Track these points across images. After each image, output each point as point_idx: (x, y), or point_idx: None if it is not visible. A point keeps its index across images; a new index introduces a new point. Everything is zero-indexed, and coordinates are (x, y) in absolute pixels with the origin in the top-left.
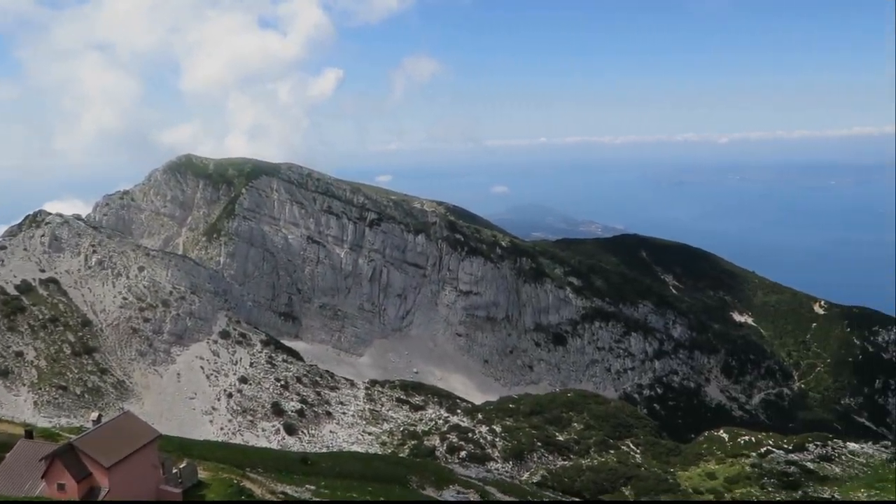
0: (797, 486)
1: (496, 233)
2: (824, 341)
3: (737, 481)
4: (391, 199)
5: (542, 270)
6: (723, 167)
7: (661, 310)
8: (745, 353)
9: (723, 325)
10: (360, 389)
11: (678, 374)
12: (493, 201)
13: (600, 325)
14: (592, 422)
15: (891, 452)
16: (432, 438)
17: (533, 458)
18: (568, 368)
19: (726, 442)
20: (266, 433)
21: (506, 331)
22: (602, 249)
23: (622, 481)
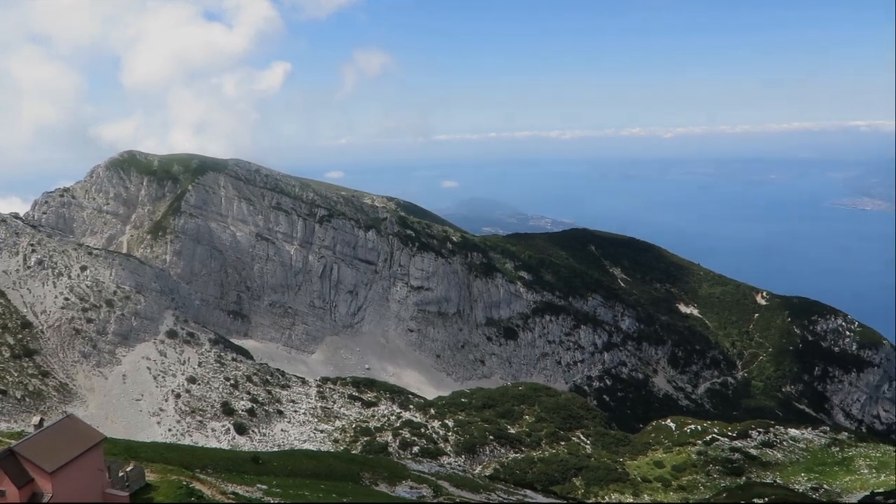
0: (741, 472)
1: (447, 228)
2: (766, 331)
3: (683, 469)
4: (341, 195)
5: (493, 265)
6: (668, 161)
7: (609, 302)
8: (691, 344)
9: (669, 316)
10: (312, 387)
11: (627, 365)
12: (443, 196)
13: (550, 319)
14: (543, 414)
15: (829, 437)
16: (385, 434)
17: (485, 451)
18: (519, 362)
19: (673, 431)
20: (216, 433)
21: (457, 326)
22: (552, 243)
23: (573, 472)
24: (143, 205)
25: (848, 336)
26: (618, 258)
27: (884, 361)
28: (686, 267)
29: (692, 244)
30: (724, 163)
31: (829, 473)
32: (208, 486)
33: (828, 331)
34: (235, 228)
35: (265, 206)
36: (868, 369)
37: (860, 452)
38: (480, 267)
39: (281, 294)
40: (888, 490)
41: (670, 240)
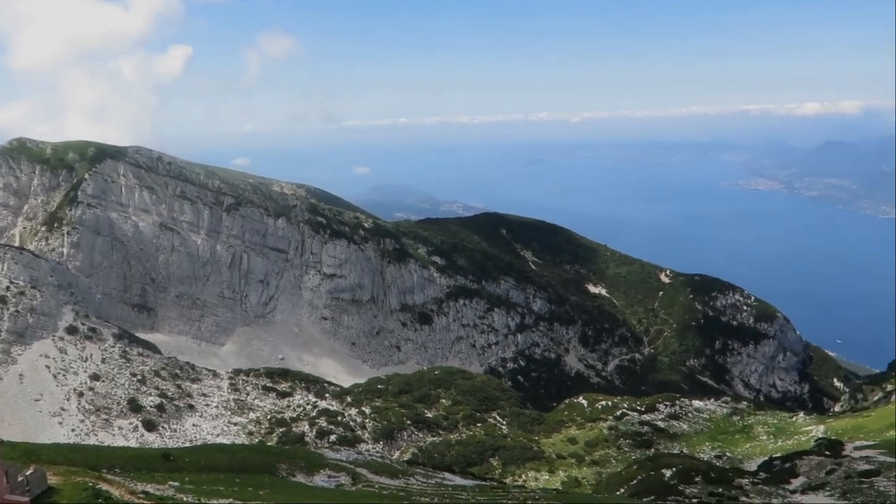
0: (650, 444)
1: (359, 214)
2: (670, 308)
3: (596, 444)
4: (249, 183)
5: (406, 251)
6: (575, 145)
7: (521, 285)
8: (601, 323)
9: (579, 296)
10: (224, 380)
11: (539, 346)
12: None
13: (464, 303)
14: (460, 397)
15: (730, 407)
16: (301, 424)
17: (403, 436)
18: (434, 346)
19: (585, 408)
20: (123, 431)
21: (372, 312)
22: (464, 228)
23: (490, 453)
24: (36, 195)
25: (745, 310)
26: (528, 241)
27: (778, 333)
28: (594, 248)
29: (599, 226)
30: (629, 147)
31: (731, 441)
32: (116, 486)
33: (727, 306)
34: (138, 218)
35: (169, 195)
36: (764, 341)
37: (759, 420)
38: (393, 253)
39: (188, 285)
40: (785, 454)
41: (579, 222)
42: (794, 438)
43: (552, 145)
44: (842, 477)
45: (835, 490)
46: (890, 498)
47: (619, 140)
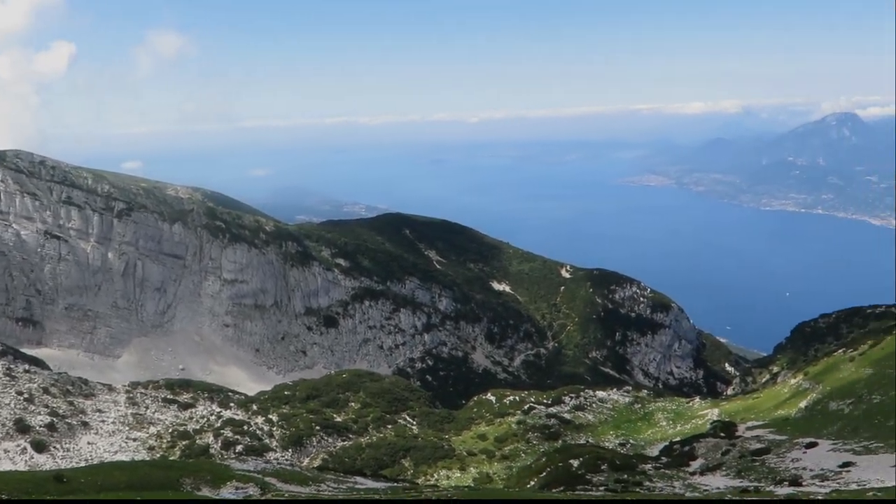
0: (557, 436)
1: (259, 217)
2: (572, 302)
3: (505, 439)
4: (141, 187)
5: (310, 253)
6: (475, 145)
7: (426, 284)
8: (506, 320)
9: (484, 294)
10: (121, 394)
11: (447, 344)
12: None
13: (370, 304)
14: (369, 400)
15: (632, 396)
16: (205, 436)
17: (312, 442)
18: (341, 349)
19: (494, 404)
20: (10, 454)
21: (276, 317)
22: (367, 229)
23: (401, 453)
24: None
25: (642, 301)
26: (432, 241)
27: (673, 322)
28: (497, 246)
29: (501, 224)
30: (526, 146)
31: (633, 429)
32: None
33: (625, 298)
34: (19, 226)
35: (54, 201)
36: (661, 331)
37: (658, 407)
38: (296, 256)
39: (78, 296)
40: (684, 438)
41: (481, 220)
42: (692, 423)
43: (452, 145)
44: (736, 457)
45: (730, 469)
46: (780, 473)
47: (516, 139)
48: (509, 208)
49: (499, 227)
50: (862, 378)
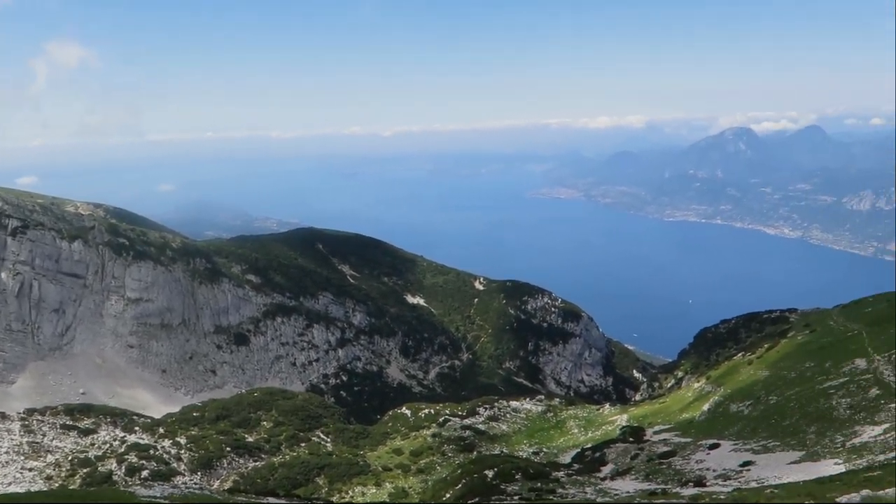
0: (473, 447)
1: (166, 234)
2: (485, 314)
3: (421, 453)
4: (38, 203)
5: (219, 270)
6: (389, 158)
7: (340, 299)
8: (420, 333)
9: (398, 308)
10: (14, 421)
11: (361, 359)
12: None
13: (283, 321)
14: (281, 418)
15: (545, 405)
16: (108, 462)
17: (223, 464)
18: (253, 368)
19: (409, 417)
20: None
21: (183, 336)
22: (279, 244)
23: (315, 472)
24: None
25: (553, 312)
26: (346, 255)
27: (583, 331)
28: (411, 259)
29: (415, 237)
30: (440, 159)
31: (547, 437)
32: None
33: (537, 309)
34: None
35: None
36: (571, 340)
37: (570, 415)
38: (205, 273)
39: None
40: (595, 444)
41: (395, 234)
42: (602, 429)
43: (366, 159)
44: (644, 460)
45: (639, 473)
46: (686, 475)
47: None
48: (423, 221)
49: (413, 240)
50: (760, 380)
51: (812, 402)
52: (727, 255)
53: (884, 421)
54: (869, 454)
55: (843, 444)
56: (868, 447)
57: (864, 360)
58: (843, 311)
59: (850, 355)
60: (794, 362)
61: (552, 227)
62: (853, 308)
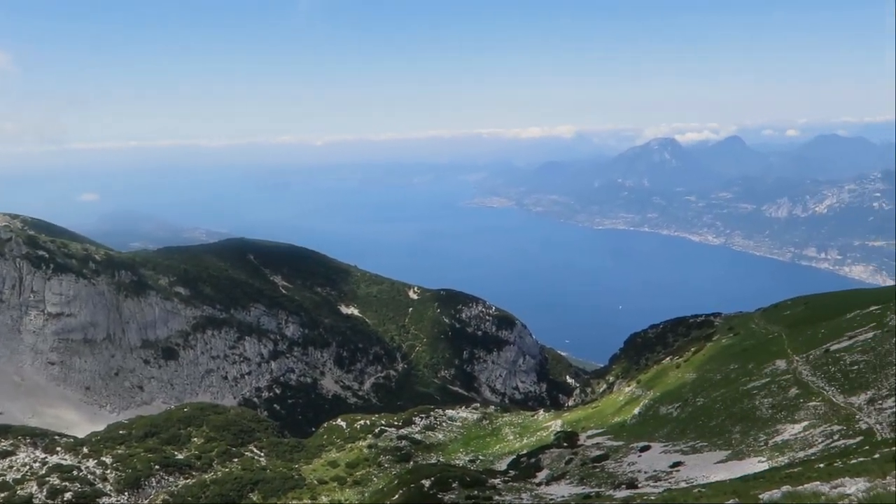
0: (409, 457)
1: (88, 246)
2: (420, 323)
3: (357, 464)
4: None
5: (146, 282)
6: (321, 168)
7: (273, 311)
8: (355, 343)
9: (332, 318)
10: None
11: (295, 371)
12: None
13: (213, 334)
14: (213, 433)
15: (480, 413)
16: (28, 486)
17: (151, 483)
18: (182, 382)
19: (344, 429)
20: None
21: (108, 352)
22: (209, 255)
23: (249, 487)
24: None
25: (488, 320)
26: (278, 266)
27: (517, 339)
28: (345, 270)
29: (349, 247)
30: (373, 168)
31: (482, 445)
32: None
33: (471, 317)
34: None
35: None
36: (506, 347)
37: (506, 422)
38: (131, 286)
39: None
40: (530, 451)
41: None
42: (537, 435)
43: (298, 168)
44: (578, 464)
45: (573, 477)
46: (618, 477)
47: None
48: (357, 231)
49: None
50: (687, 382)
51: (736, 402)
52: (655, 261)
53: (803, 419)
54: (790, 451)
55: (766, 442)
56: (789, 445)
57: (784, 360)
58: (764, 315)
59: (771, 357)
60: (719, 364)
61: (485, 235)
62: (773, 311)
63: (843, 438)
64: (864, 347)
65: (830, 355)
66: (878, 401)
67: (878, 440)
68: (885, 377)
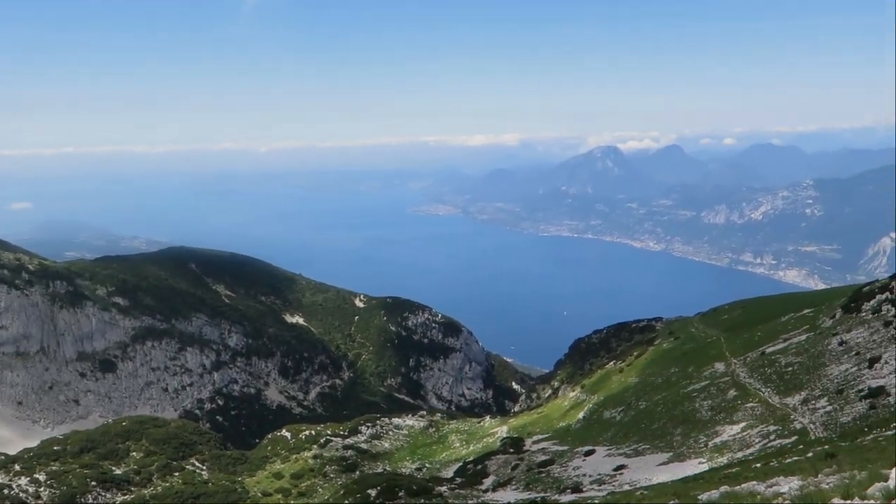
0: (355, 467)
1: (21, 255)
2: (366, 331)
3: (302, 475)
4: None
5: (82, 293)
6: (266, 175)
7: (215, 321)
8: (300, 353)
9: (277, 328)
10: None
11: (238, 382)
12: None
13: (153, 345)
14: (153, 447)
15: (427, 420)
16: None
17: (88, 500)
18: (121, 395)
19: (289, 440)
20: None
21: (42, 365)
22: (149, 264)
23: (190, 502)
24: None
25: (434, 327)
26: (221, 275)
27: (464, 346)
28: (290, 278)
29: (294, 255)
30: (319, 176)
31: (429, 452)
32: None
33: (418, 325)
34: None
35: None
36: (452, 354)
37: (452, 429)
38: (66, 296)
39: None
40: (476, 457)
41: (273, 252)
42: (484, 441)
43: (241, 175)
44: (524, 470)
45: (519, 483)
46: (564, 482)
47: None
48: (303, 239)
49: (291, 258)
50: (630, 386)
51: (677, 405)
52: (598, 268)
53: (741, 420)
54: (729, 452)
55: (706, 443)
56: (728, 445)
57: (723, 363)
58: (703, 319)
59: (711, 360)
60: (660, 368)
61: (432, 243)
62: (712, 315)
63: (778, 438)
64: (798, 349)
65: (766, 357)
66: (811, 401)
67: (811, 439)
68: (817, 378)
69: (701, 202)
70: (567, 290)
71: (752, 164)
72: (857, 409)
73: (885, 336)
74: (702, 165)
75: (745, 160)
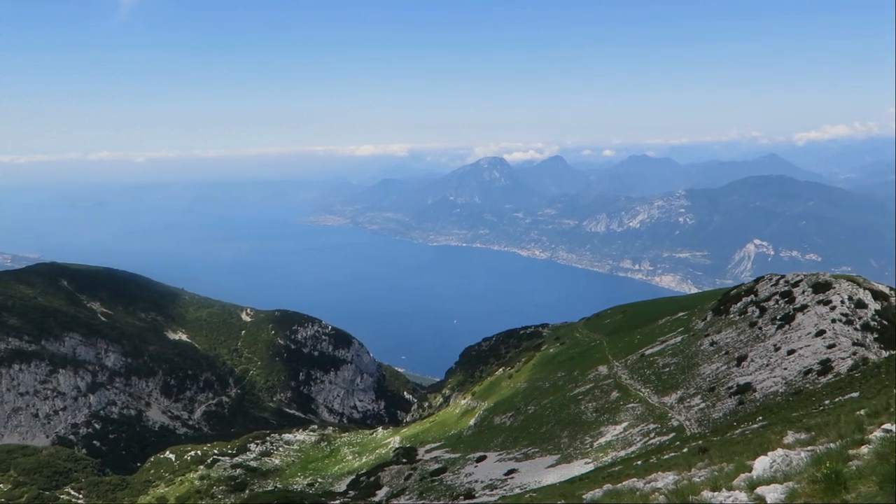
0: (244, 486)
1: None
2: (254, 346)
3: (188, 498)
4: None
5: None
6: (144, 186)
7: (91, 340)
8: (184, 370)
9: (158, 345)
10: None
11: (117, 404)
12: None
13: (21, 368)
14: (22, 478)
15: (318, 434)
16: None
17: None
18: None
19: (174, 462)
20: None
21: None
22: (15, 281)
23: None
24: None
25: (324, 339)
26: (96, 291)
27: (355, 357)
28: (173, 293)
29: (176, 269)
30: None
31: (321, 467)
32: None
33: (307, 338)
34: None
35: None
36: (343, 366)
37: (344, 441)
38: None
39: None
40: (369, 469)
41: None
42: (377, 452)
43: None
44: (418, 479)
45: (413, 493)
46: (457, 489)
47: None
48: (185, 252)
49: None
50: (519, 392)
51: (564, 408)
52: (487, 276)
53: (623, 420)
54: (612, 451)
55: (592, 444)
56: (612, 445)
57: (606, 366)
58: (587, 324)
59: (595, 363)
60: (547, 373)
61: (321, 254)
62: (595, 320)
63: (658, 436)
64: (673, 351)
65: (646, 359)
66: (686, 399)
67: (687, 435)
68: (692, 377)
69: (583, 211)
70: (457, 299)
71: (629, 175)
72: (727, 406)
73: (750, 336)
74: (583, 176)
75: (623, 171)
